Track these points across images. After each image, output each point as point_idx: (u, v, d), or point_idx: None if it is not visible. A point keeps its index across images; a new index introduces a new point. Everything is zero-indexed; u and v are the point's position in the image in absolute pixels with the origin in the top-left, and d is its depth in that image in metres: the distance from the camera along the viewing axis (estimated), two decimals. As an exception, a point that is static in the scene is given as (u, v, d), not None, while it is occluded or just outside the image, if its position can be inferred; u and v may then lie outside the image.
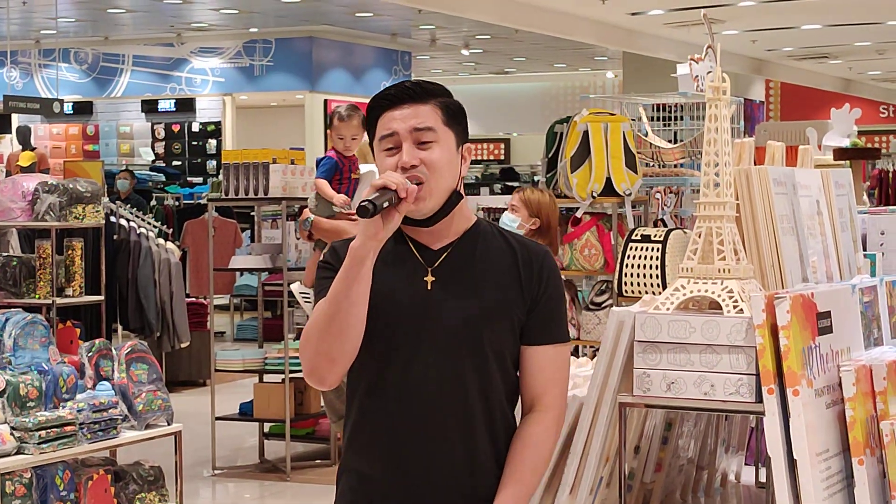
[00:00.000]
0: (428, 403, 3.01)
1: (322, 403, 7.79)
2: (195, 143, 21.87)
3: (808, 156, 4.23)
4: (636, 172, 7.42)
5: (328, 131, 8.18)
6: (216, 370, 9.23)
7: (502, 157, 31.73)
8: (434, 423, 3.01)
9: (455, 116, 3.05)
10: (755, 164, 3.94)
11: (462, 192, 3.09)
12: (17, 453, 5.45)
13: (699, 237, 3.58)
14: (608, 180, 7.32)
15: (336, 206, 7.77)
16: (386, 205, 2.86)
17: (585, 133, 7.33)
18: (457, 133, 3.05)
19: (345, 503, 3.12)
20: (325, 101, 21.08)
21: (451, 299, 3.01)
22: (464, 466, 3.04)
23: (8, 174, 15.84)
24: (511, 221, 7.05)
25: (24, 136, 20.08)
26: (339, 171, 7.98)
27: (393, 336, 3.01)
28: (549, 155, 7.52)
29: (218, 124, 21.63)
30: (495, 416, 3.07)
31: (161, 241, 11.57)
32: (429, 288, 3.02)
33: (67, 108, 20.64)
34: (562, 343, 3.14)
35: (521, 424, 3.13)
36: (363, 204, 2.83)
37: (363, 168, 7.43)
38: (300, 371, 8.97)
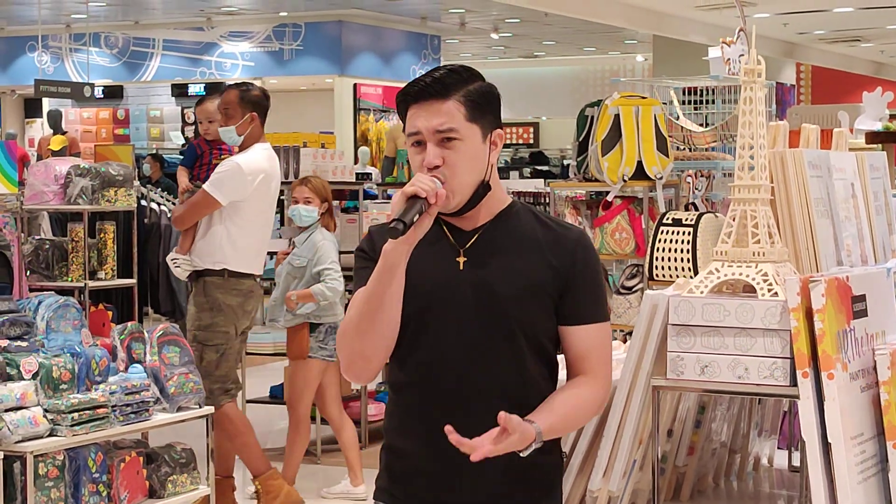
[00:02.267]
0: (460, 380, 3.02)
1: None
2: (225, 127, 21.90)
3: (843, 139, 4.21)
4: (667, 156, 7.40)
5: None
6: (247, 353, 9.25)
7: (531, 141, 31.68)
8: (466, 400, 3.02)
9: (480, 108, 3.04)
10: (789, 148, 3.92)
11: (492, 180, 3.08)
12: (50, 435, 5.47)
13: (733, 220, 3.56)
14: (639, 164, 7.30)
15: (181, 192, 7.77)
16: (416, 218, 2.89)
17: (617, 116, 7.30)
18: (483, 125, 3.04)
19: (383, 481, 3.16)
20: (355, 85, 21.07)
21: (483, 279, 3.03)
22: None
23: (39, 158, 15.92)
24: (309, 213, 7.55)
25: (55, 120, 20.15)
26: (199, 158, 8.02)
27: (425, 316, 3.03)
28: (580, 138, 7.50)
29: (248, 108, 21.66)
30: (529, 393, 3.05)
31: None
32: (461, 268, 3.04)
33: (98, 93, 20.71)
34: (604, 321, 3.12)
35: (570, 382, 3.10)
36: (393, 226, 2.86)
37: (230, 161, 7.24)
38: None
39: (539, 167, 27.18)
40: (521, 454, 2.94)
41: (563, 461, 3.21)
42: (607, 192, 7.39)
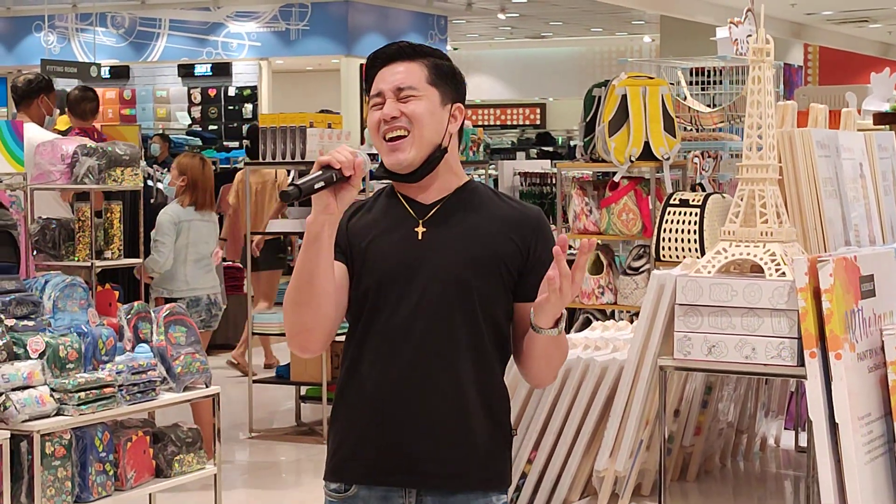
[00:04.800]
0: (415, 351, 3.05)
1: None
2: (231, 107, 21.87)
3: (851, 119, 4.20)
4: (674, 136, 7.39)
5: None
6: (253, 333, 9.26)
7: (538, 122, 31.63)
8: (421, 372, 3.05)
9: (444, 76, 3.13)
10: (797, 128, 3.91)
11: (451, 154, 3.15)
12: (56, 415, 5.48)
13: (741, 200, 3.55)
14: (646, 144, 7.29)
15: None
16: (319, 185, 2.91)
17: (624, 97, 7.29)
18: (443, 91, 3.12)
19: (336, 460, 3.18)
20: (361, 65, 21.03)
21: (441, 249, 3.07)
22: (454, 413, 3.06)
23: (46, 138, 15.88)
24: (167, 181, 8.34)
25: (61, 100, 20.12)
26: None
27: (384, 287, 3.08)
28: (587, 119, 7.49)
29: (254, 89, 21.63)
30: (486, 367, 3.09)
31: (197, 205, 11.56)
32: (419, 238, 3.09)
33: (104, 73, 20.68)
34: None
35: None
36: (286, 189, 2.91)
37: None
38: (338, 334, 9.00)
39: (546, 148, 27.14)
40: (543, 331, 2.97)
41: (512, 436, 3.22)
42: (614, 173, 7.38)
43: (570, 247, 10.35)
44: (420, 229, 3.09)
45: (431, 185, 3.11)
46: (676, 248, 6.36)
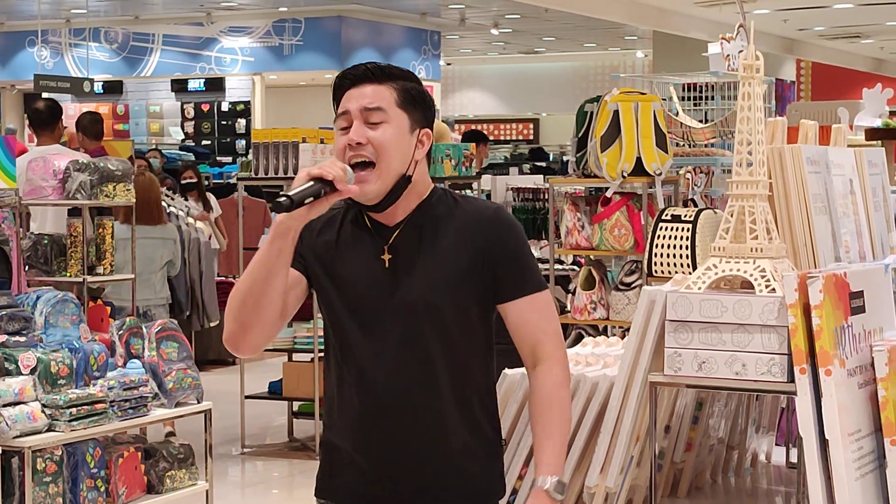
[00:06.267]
0: (391, 376, 3.05)
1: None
2: (224, 122, 21.89)
3: (842, 135, 4.21)
4: (667, 152, 7.39)
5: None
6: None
7: (531, 137, 31.66)
8: (398, 396, 3.05)
9: (413, 101, 3.08)
10: (787, 144, 3.92)
11: (415, 176, 3.09)
12: (48, 430, 5.47)
13: (731, 216, 3.56)
14: (638, 160, 7.30)
15: None
16: (309, 200, 2.89)
17: (616, 112, 7.30)
18: (412, 117, 3.07)
19: (322, 478, 3.20)
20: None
21: (409, 275, 3.05)
22: (433, 433, 3.06)
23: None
24: None
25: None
26: None
27: (356, 317, 3.06)
28: (580, 134, 7.50)
29: (247, 104, 21.64)
30: (465, 382, 3.08)
31: (190, 220, 11.58)
32: (386, 266, 3.07)
33: (97, 88, 20.70)
34: (537, 292, 3.11)
35: (532, 382, 3.12)
36: (279, 199, 2.87)
37: None
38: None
39: (538, 163, 27.14)
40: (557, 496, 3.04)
41: (501, 446, 3.21)
42: (606, 188, 7.39)
43: (562, 261, 10.37)
44: (386, 257, 3.07)
45: (396, 206, 3.08)
46: (669, 264, 6.36)
